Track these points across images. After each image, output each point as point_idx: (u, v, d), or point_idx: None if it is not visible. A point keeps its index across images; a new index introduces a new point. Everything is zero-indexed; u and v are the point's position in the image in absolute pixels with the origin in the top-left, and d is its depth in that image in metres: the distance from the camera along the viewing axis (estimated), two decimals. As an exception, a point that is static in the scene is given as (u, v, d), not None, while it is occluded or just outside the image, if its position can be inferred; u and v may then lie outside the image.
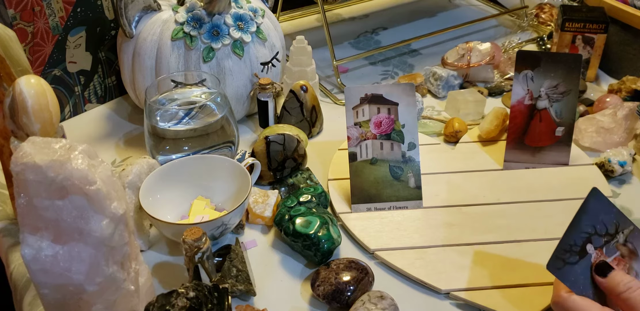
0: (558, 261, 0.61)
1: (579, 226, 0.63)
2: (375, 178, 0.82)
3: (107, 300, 0.60)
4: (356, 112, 0.81)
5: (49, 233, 0.56)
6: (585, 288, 0.61)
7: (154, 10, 0.91)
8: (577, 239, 0.62)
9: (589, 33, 1.05)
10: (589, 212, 0.63)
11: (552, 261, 0.61)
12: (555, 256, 0.61)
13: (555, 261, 0.61)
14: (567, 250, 0.62)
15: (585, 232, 0.63)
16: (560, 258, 0.61)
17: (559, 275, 0.61)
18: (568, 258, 0.62)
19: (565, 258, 0.61)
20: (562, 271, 0.61)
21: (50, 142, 0.55)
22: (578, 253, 0.62)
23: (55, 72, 0.95)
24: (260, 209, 0.80)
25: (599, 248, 0.63)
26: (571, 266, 0.61)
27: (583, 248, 0.62)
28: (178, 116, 0.85)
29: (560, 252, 0.62)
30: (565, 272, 0.61)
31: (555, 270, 0.61)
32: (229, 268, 0.71)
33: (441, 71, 1.07)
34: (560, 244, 0.62)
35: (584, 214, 0.63)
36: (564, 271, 0.61)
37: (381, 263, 0.76)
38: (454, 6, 1.39)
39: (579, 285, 0.61)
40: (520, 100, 0.88)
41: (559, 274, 0.61)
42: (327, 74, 1.14)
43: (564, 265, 0.61)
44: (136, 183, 0.76)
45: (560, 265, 0.61)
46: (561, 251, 0.62)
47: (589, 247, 0.63)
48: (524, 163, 0.89)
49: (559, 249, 0.62)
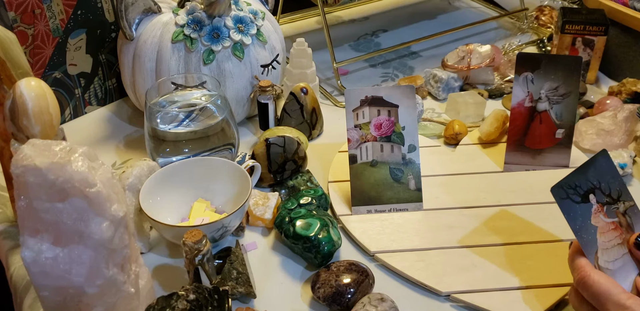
0: (562, 191, 0.63)
1: (586, 174, 0.64)
2: (376, 180, 0.82)
3: (107, 303, 0.60)
4: (356, 115, 0.81)
5: (49, 236, 0.56)
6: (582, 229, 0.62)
7: (154, 12, 0.91)
8: (582, 183, 0.64)
9: (589, 35, 1.05)
10: (596, 167, 0.65)
11: (557, 188, 0.62)
12: (561, 185, 0.63)
13: (560, 190, 0.63)
14: (572, 187, 0.63)
15: (590, 182, 0.64)
16: (564, 190, 0.63)
17: (561, 203, 0.62)
18: (571, 194, 0.63)
19: (570, 194, 0.63)
20: (563, 201, 0.62)
21: (50, 144, 0.55)
22: (581, 196, 0.63)
23: (55, 75, 0.95)
24: (260, 212, 0.80)
25: (600, 204, 0.64)
26: (572, 203, 0.63)
27: (586, 195, 0.64)
28: (178, 118, 0.85)
29: (565, 185, 0.63)
30: (566, 204, 0.62)
31: (557, 198, 0.62)
32: (229, 270, 0.71)
33: (441, 73, 1.07)
34: (567, 179, 0.63)
35: (592, 166, 0.65)
36: (565, 202, 0.62)
37: (381, 266, 0.76)
38: (454, 8, 1.39)
39: (576, 223, 0.62)
40: (520, 102, 0.88)
41: (560, 202, 0.62)
42: (328, 76, 1.14)
43: (566, 197, 0.63)
44: (136, 185, 0.76)
45: (564, 196, 0.62)
46: (566, 185, 0.63)
47: (592, 197, 0.64)
48: (524, 165, 0.89)
49: (565, 182, 0.63)
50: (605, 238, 0.64)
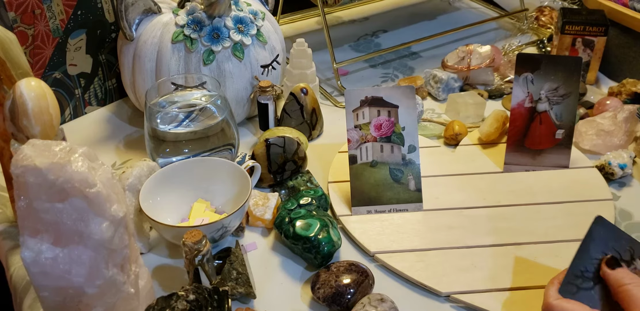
0: (571, 286, 0.61)
1: (588, 253, 0.62)
2: (376, 180, 0.82)
3: (107, 303, 0.60)
4: (356, 115, 0.81)
5: (49, 236, 0.56)
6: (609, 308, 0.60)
7: (154, 13, 0.91)
8: (588, 265, 0.62)
9: (589, 36, 1.05)
10: (595, 239, 0.63)
11: (563, 286, 0.61)
12: (567, 281, 0.61)
13: (567, 286, 0.61)
14: (578, 276, 0.61)
15: (595, 259, 0.62)
16: (572, 284, 0.61)
17: (577, 298, 0.60)
18: (581, 283, 0.61)
19: (579, 284, 0.61)
20: (576, 296, 0.60)
21: (50, 144, 0.55)
22: (592, 279, 0.62)
23: (55, 75, 0.95)
24: (260, 212, 0.80)
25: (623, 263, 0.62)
26: (586, 291, 0.61)
27: (597, 275, 0.62)
28: (178, 118, 0.85)
29: (571, 278, 0.61)
30: (580, 297, 0.60)
31: (568, 295, 0.60)
32: (229, 270, 0.71)
33: (441, 73, 1.07)
34: (571, 269, 0.61)
35: (591, 241, 0.62)
36: (578, 296, 0.60)
37: (381, 266, 0.76)
38: (454, 9, 1.39)
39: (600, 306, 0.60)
40: (520, 103, 0.88)
41: (574, 299, 0.60)
42: (328, 76, 1.14)
43: (577, 290, 0.61)
44: (136, 185, 0.76)
45: (574, 290, 0.60)
46: (572, 276, 0.61)
47: (614, 255, 0.62)
48: (524, 165, 0.89)
49: (570, 274, 0.61)
50: None
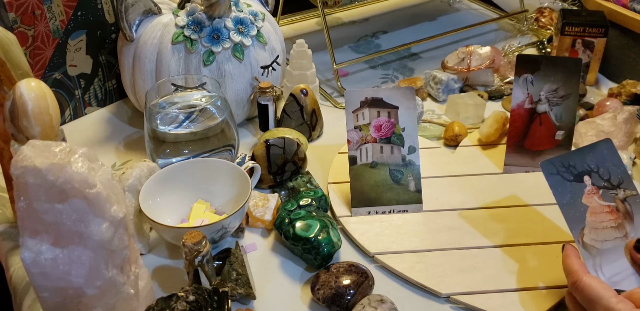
0: (552, 167, 0.63)
1: (583, 157, 0.65)
2: (375, 181, 0.82)
3: (107, 304, 0.60)
4: (356, 116, 0.81)
5: (48, 237, 0.56)
6: (569, 205, 0.63)
7: (154, 13, 0.91)
8: (578, 164, 0.64)
9: (588, 37, 1.05)
10: (596, 153, 0.65)
11: (547, 163, 0.63)
12: (552, 161, 0.64)
13: (550, 166, 0.63)
14: (565, 166, 0.64)
15: (587, 164, 0.65)
16: (555, 166, 0.63)
17: (549, 178, 0.63)
18: (563, 172, 0.64)
19: (561, 171, 0.64)
20: (553, 177, 0.63)
21: (50, 145, 0.55)
22: (574, 175, 0.64)
23: (55, 76, 0.95)
24: (260, 213, 0.80)
25: (596, 186, 0.65)
26: (562, 179, 0.64)
27: (580, 176, 0.65)
28: (178, 119, 0.85)
29: (558, 162, 0.64)
30: (555, 179, 0.63)
31: (546, 172, 0.63)
32: (229, 271, 0.71)
33: (441, 74, 1.07)
34: (561, 157, 0.64)
35: (591, 152, 0.65)
36: (554, 177, 0.63)
37: (381, 267, 0.76)
38: (454, 10, 1.39)
39: (564, 198, 0.63)
40: (520, 104, 0.88)
41: (548, 177, 0.63)
42: (327, 77, 1.14)
43: (556, 173, 0.63)
44: (136, 186, 0.76)
45: (553, 171, 0.63)
46: (559, 162, 0.64)
47: (586, 178, 0.65)
48: (524, 166, 0.89)
49: (558, 160, 0.64)
50: (596, 218, 0.65)
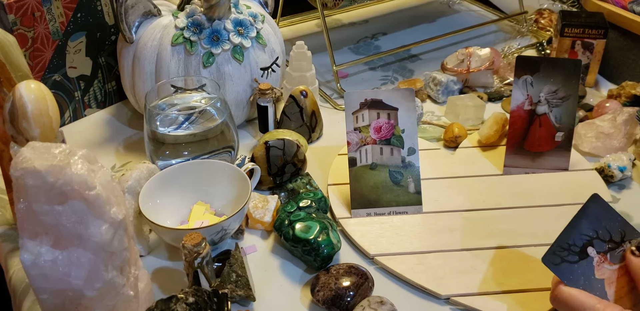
0: (555, 257, 0.61)
1: (579, 228, 0.62)
2: (375, 183, 0.82)
3: (107, 306, 0.60)
4: (356, 118, 0.81)
5: (48, 238, 0.55)
6: (587, 288, 0.61)
7: (154, 15, 0.91)
8: (576, 240, 0.62)
9: (588, 38, 1.05)
10: (589, 216, 0.63)
11: (548, 256, 0.61)
12: (552, 251, 0.61)
13: (552, 257, 0.61)
14: (565, 248, 0.62)
15: (585, 235, 0.62)
16: (557, 255, 0.61)
17: (556, 270, 0.61)
18: (566, 256, 0.61)
19: (563, 256, 0.61)
20: (559, 267, 0.61)
21: (50, 147, 0.55)
22: (577, 253, 0.62)
23: (55, 78, 0.95)
24: (260, 215, 0.80)
25: (602, 253, 0.63)
26: (570, 265, 0.61)
27: (584, 250, 0.62)
28: (178, 121, 0.85)
29: (557, 249, 0.61)
30: (562, 269, 0.61)
31: (551, 265, 0.61)
32: (229, 273, 0.71)
33: (441, 76, 1.07)
34: (558, 241, 0.62)
35: (584, 217, 0.63)
36: (561, 267, 0.61)
37: (381, 269, 0.76)
38: (453, 12, 1.39)
39: (578, 284, 0.61)
40: (519, 105, 0.88)
41: (555, 269, 0.61)
42: (327, 79, 1.14)
43: (561, 261, 0.61)
44: (136, 188, 0.76)
45: (557, 261, 0.61)
46: (559, 248, 0.62)
47: (590, 250, 0.62)
48: (523, 168, 0.89)
49: (556, 245, 0.62)
50: (615, 287, 0.62)
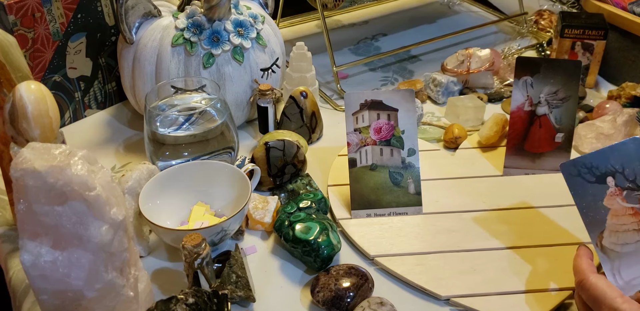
0: (573, 168, 0.61)
1: (608, 157, 0.62)
2: (375, 183, 0.82)
3: (107, 306, 0.60)
4: (356, 118, 0.81)
5: (48, 239, 0.55)
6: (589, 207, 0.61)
7: (154, 16, 0.91)
8: (600, 164, 0.62)
9: (588, 39, 1.05)
10: (623, 151, 0.63)
11: (567, 165, 0.61)
12: (574, 163, 0.61)
13: (570, 167, 0.61)
14: (587, 167, 0.62)
15: (612, 165, 0.62)
16: (576, 168, 0.61)
17: (569, 179, 0.61)
18: (585, 173, 0.61)
19: (582, 172, 0.61)
20: (573, 178, 0.61)
21: (50, 148, 0.55)
22: (596, 176, 0.62)
23: (55, 78, 0.96)
24: (260, 215, 0.80)
25: (619, 187, 0.62)
26: (583, 181, 0.61)
27: (603, 177, 0.62)
28: (178, 121, 0.85)
29: (580, 164, 0.61)
30: (575, 181, 0.61)
31: (566, 174, 0.61)
32: (229, 274, 0.71)
33: (441, 77, 1.07)
34: (583, 158, 0.61)
35: (617, 150, 0.63)
36: (574, 179, 0.61)
37: (381, 269, 0.76)
38: (453, 12, 1.39)
39: (583, 201, 0.61)
40: (519, 106, 0.88)
41: (568, 179, 0.61)
42: (327, 80, 1.14)
43: (577, 174, 0.61)
44: (136, 188, 0.76)
45: (574, 173, 0.61)
46: (581, 163, 0.61)
47: (610, 179, 0.62)
48: (523, 169, 0.89)
49: (580, 161, 0.61)
50: (618, 220, 0.62)
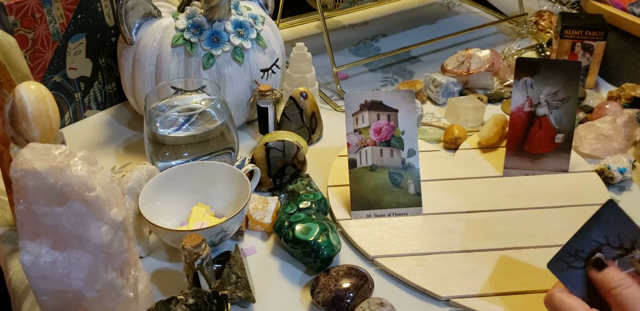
0: (560, 262, 0.61)
1: (589, 235, 0.62)
2: (375, 184, 0.82)
3: (106, 307, 0.59)
4: (356, 119, 0.81)
5: (48, 240, 0.55)
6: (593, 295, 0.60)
7: (154, 17, 0.91)
8: (585, 246, 0.62)
9: (588, 40, 1.05)
10: (601, 223, 0.62)
11: (553, 261, 0.61)
12: (559, 257, 0.61)
13: (557, 262, 0.61)
14: (572, 254, 0.61)
15: (595, 241, 0.62)
16: (563, 261, 0.61)
17: (560, 276, 0.60)
18: (573, 262, 0.61)
19: (570, 262, 0.61)
20: (564, 273, 0.60)
21: (49, 148, 0.55)
22: (584, 259, 0.61)
23: (55, 79, 0.96)
24: (259, 216, 0.80)
25: (610, 260, 0.62)
26: (575, 271, 0.61)
27: (591, 257, 0.62)
28: (178, 122, 0.85)
29: (564, 254, 0.61)
30: (567, 275, 0.60)
31: (556, 271, 0.60)
32: (229, 274, 0.71)
33: (441, 77, 1.07)
34: (566, 247, 0.61)
35: (596, 224, 0.62)
36: (566, 273, 0.61)
37: (381, 270, 0.76)
38: (453, 13, 1.39)
39: (582, 291, 0.60)
40: (519, 107, 0.88)
41: (560, 275, 0.60)
42: (327, 80, 1.14)
43: (567, 267, 0.61)
44: (136, 189, 0.76)
45: (563, 267, 0.61)
46: (565, 253, 0.61)
47: (599, 256, 0.62)
48: (523, 169, 0.89)
49: (563, 251, 0.61)
50: None
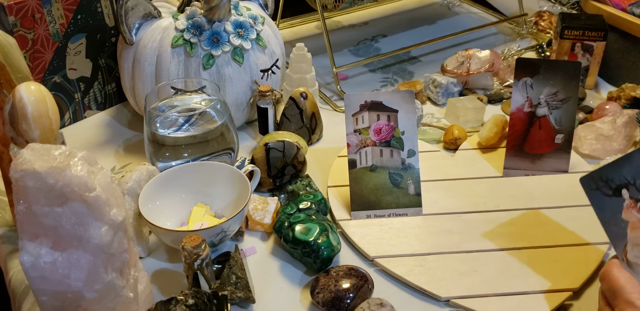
0: (592, 182, 0.62)
1: (620, 169, 0.63)
2: (375, 185, 0.82)
3: (106, 307, 0.59)
4: (356, 119, 0.81)
5: (48, 240, 0.55)
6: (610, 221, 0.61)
7: (154, 17, 0.91)
8: (614, 178, 0.62)
9: (588, 41, 1.05)
10: (632, 164, 0.63)
11: (587, 179, 0.61)
12: (591, 177, 0.62)
13: (590, 181, 0.62)
14: (603, 180, 0.62)
15: (624, 177, 0.63)
16: (595, 182, 0.62)
17: (589, 194, 0.61)
18: (602, 186, 0.62)
19: (600, 185, 0.62)
20: (593, 192, 0.61)
21: (49, 149, 0.55)
22: (612, 189, 0.62)
23: (55, 79, 0.96)
24: (259, 216, 0.80)
25: (633, 200, 0.63)
26: (602, 195, 0.62)
27: (618, 189, 0.62)
28: (178, 122, 0.85)
29: (597, 177, 0.62)
30: (595, 195, 0.61)
31: (587, 188, 0.61)
32: (228, 275, 0.71)
33: (441, 78, 1.07)
34: (598, 171, 0.62)
35: (627, 162, 0.63)
36: (594, 194, 0.61)
37: (381, 271, 0.76)
38: (453, 14, 1.39)
39: (605, 215, 0.61)
40: (519, 107, 0.88)
41: (589, 193, 0.61)
42: (327, 81, 1.15)
43: (596, 188, 0.62)
44: (135, 189, 0.76)
45: (593, 187, 0.61)
46: (598, 176, 0.62)
47: (624, 192, 0.63)
48: (523, 170, 0.89)
49: (597, 173, 0.62)
50: (637, 233, 0.63)
